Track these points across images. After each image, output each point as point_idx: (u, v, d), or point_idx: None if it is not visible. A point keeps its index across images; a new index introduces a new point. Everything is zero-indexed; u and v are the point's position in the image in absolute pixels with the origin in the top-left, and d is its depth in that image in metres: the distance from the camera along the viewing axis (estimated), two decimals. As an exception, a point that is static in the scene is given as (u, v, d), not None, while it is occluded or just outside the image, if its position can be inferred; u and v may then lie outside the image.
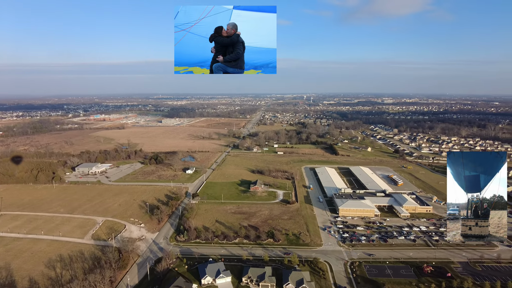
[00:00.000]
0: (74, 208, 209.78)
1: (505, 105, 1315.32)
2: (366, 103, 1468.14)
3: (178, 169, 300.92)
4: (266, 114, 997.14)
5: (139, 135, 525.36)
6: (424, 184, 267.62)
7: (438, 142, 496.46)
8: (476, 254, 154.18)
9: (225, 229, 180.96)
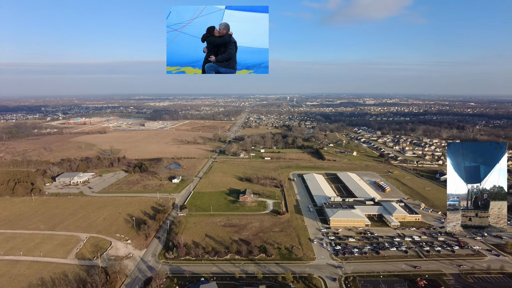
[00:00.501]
0: (55, 223, 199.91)
1: (480, 106, 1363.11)
2: (348, 104, 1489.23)
3: (163, 178, 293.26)
4: (250, 116, 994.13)
5: (121, 140, 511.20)
6: (411, 190, 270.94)
7: (421, 145, 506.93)
8: (467, 265, 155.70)
9: (215, 244, 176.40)
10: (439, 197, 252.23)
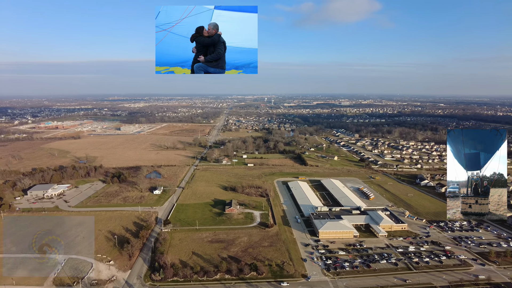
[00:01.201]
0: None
1: (449, 106, 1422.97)
2: (325, 106, 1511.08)
3: (144, 189, 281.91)
4: (229, 118, 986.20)
5: (97, 146, 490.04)
6: (394, 197, 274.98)
7: (398, 148, 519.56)
8: (455, 276, 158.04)
9: (203, 262, 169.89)
10: (422, 204, 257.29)
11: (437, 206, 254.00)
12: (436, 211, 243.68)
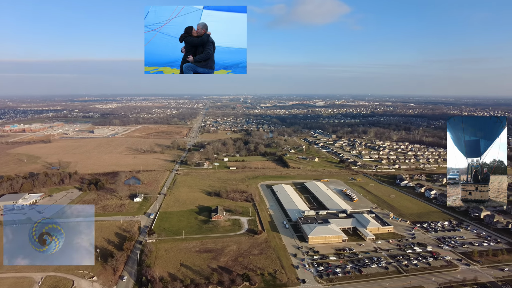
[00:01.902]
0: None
1: (419, 106, 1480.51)
2: (300, 106, 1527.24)
3: (124, 196, 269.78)
4: (207, 119, 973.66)
5: (70, 150, 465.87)
6: (377, 199, 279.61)
7: (375, 148, 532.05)
8: (443, 278, 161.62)
9: (193, 274, 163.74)
10: (405, 205, 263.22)
11: (419, 207, 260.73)
12: (419, 212, 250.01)
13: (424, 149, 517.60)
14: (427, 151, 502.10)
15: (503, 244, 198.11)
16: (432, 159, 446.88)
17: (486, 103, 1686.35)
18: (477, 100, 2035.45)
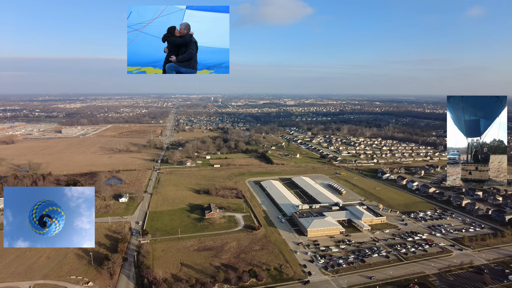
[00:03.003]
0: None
1: (384, 104, 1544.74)
2: (272, 105, 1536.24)
3: (107, 197, 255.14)
4: (179, 118, 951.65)
5: (38, 151, 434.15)
6: (364, 192, 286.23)
7: (351, 144, 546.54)
8: (442, 263, 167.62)
9: (196, 273, 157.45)
10: (391, 197, 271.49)
11: (404, 198, 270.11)
12: (405, 202, 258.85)
13: (397, 144, 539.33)
14: (400, 146, 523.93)
15: (487, 229, 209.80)
16: (407, 153, 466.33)
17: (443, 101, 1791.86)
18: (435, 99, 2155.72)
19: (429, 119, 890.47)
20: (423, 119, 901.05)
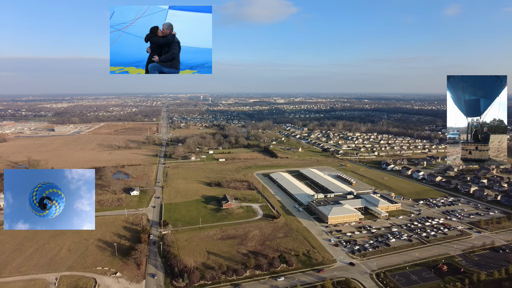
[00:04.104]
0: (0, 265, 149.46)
1: (373, 102, 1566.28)
2: (263, 103, 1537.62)
3: (118, 190, 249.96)
4: (172, 116, 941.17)
5: (34, 148, 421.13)
6: (373, 181, 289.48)
7: (348, 139, 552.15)
8: (464, 245, 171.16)
9: (225, 261, 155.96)
10: (400, 186, 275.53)
11: (413, 186, 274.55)
12: (415, 191, 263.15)
13: (393, 139, 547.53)
14: (397, 140, 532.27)
15: (499, 212, 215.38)
16: (405, 146, 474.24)
17: (429, 99, 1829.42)
18: (421, 96, 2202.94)
19: (419, 115, 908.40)
20: (413, 115, 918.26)
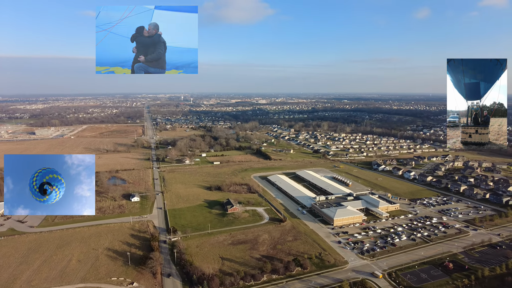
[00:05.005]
0: (7, 281, 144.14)
1: (353, 102, 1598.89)
2: (245, 104, 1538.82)
3: (117, 197, 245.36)
4: (155, 117, 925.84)
5: (17, 153, 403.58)
6: (368, 182, 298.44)
7: (335, 139, 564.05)
8: (464, 243, 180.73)
9: (240, 266, 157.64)
10: (395, 186, 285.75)
11: (407, 187, 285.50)
12: (409, 191, 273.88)
13: (378, 139, 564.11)
14: (382, 140, 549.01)
15: (489, 210, 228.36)
16: (391, 146, 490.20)
17: (405, 99, 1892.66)
18: (397, 96, 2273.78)
19: (399, 115, 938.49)
20: (394, 115, 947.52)
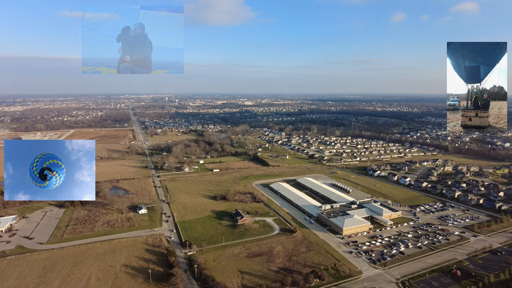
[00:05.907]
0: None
1: (337, 104, 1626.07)
2: (231, 105, 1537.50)
3: (124, 209, 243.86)
4: (144, 120, 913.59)
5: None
6: (367, 189, 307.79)
7: (326, 143, 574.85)
8: (467, 249, 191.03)
9: (260, 280, 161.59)
10: (393, 192, 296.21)
11: (405, 193, 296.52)
12: (407, 197, 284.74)
13: (368, 143, 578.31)
14: (372, 144, 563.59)
15: (484, 216, 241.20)
16: (382, 150, 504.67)
17: (387, 99, 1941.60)
18: (379, 97, 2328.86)
19: (385, 117, 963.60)
20: (379, 117, 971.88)
